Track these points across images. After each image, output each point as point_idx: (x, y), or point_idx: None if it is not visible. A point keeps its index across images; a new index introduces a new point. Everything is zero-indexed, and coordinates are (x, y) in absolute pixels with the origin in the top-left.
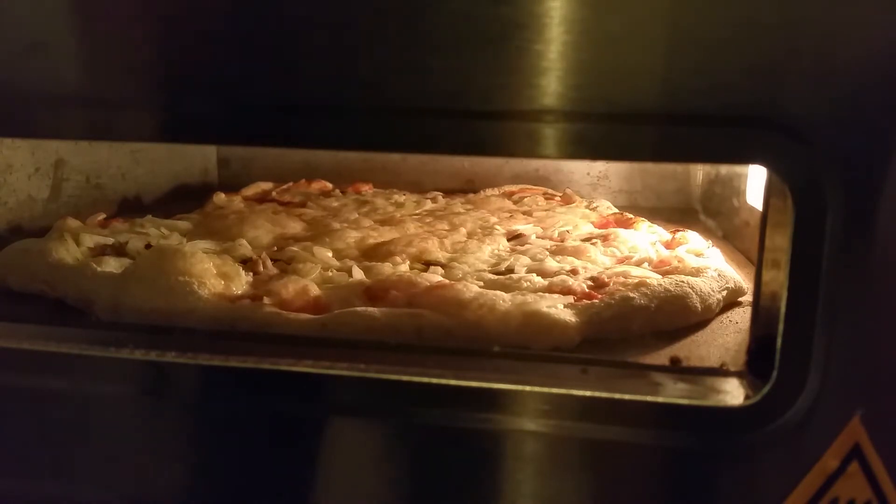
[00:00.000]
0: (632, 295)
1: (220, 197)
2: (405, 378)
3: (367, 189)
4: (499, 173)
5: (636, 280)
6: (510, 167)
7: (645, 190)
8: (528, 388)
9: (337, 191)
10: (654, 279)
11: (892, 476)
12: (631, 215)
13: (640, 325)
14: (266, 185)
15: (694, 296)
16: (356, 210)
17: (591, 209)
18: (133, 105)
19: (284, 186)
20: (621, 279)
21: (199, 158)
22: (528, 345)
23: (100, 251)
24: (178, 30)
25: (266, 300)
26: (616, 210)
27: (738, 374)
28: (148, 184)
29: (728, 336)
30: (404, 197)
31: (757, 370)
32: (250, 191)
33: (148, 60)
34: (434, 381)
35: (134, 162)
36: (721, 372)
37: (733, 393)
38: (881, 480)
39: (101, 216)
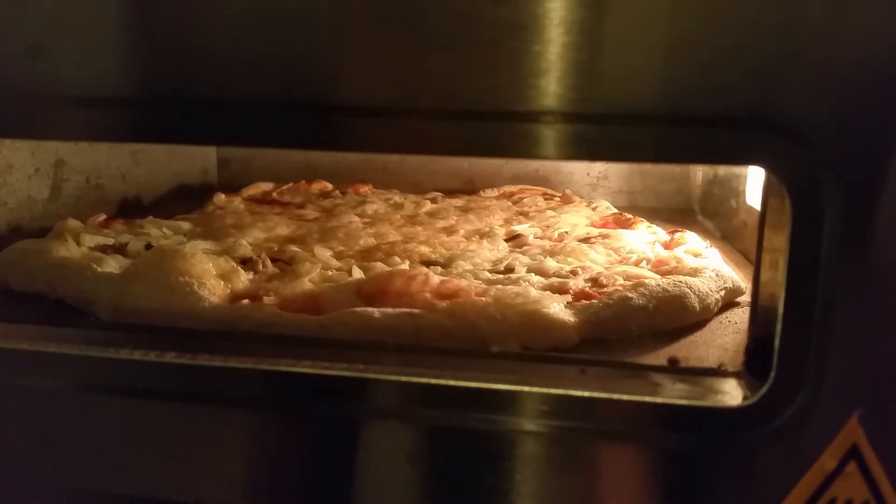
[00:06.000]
0: (630, 295)
1: (220, 197)
2: (403, 378)
3: (366, 190)
4: (498, 174)
5: (634, 280)
6: (510, 167)
7: (645, 190)
8: (526, 388)
9: (337, 191)
10: (653, 279)
11: (890, 476)
12: (630, 216)
13: (638, 325)
14: (266, 186)
15: (692, 296)
16: (355, 211)
17: (591, 209)
18: (133, 105)
19: (285, 187)
20: (620, 279)
21: (199, 159)
22: (527, 345)
23: (100, 251)
24: (178, 29)
25: (266, 300)
26: (615, 210)
27: (736, 375)
28: (148, 184)
29: (727, 336)
30: (404, 198)
31: (755, 371)
32: (250, 191)
33: (147, 60)
34: (433, 381)
35: (134, 162)
36: (719, 372)
37: (731, 393)
38: (879, 481)
39: (102, 217)
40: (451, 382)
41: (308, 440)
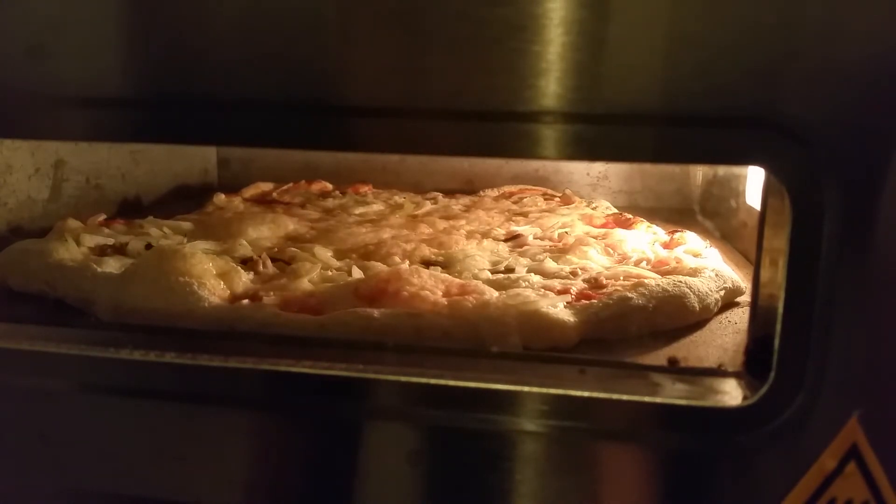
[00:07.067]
0: (630, 295)
1: (220, 198)
2: (403, 378)
3: (366, 190)
4: (498, 174)
5: (634, 280)
6: (510, 167)
7: (644, 190)
8: (525, 388)
9: (337, 192)
10: (653, 279)
11: (890, 476)
12: (630, 216)
13: (638, 325)
14: (266, 186)
15: (692, 296)
16: (355, 211)
17: (590, 209)
18: (133, 105)
19: (285, 187)
20: (619, 279)
21: (199, 159)
22: (527, 344)
23: (100, 252)
24: (178, 30)
25: (266, 300)
26: (616, 210)
27: (735, 375)
28: (148, 184)
29: (726, 336)
30: (403, 198)
31: (755, 371)
32: (250, 191)
33: (147, 61)
34: (432, 381)
35: (134, 162)
36: (719, 372)
37: (731, 393)
38: (878, 481)
39: (102, 217)
40: (451, 382)
41: (308, 440)
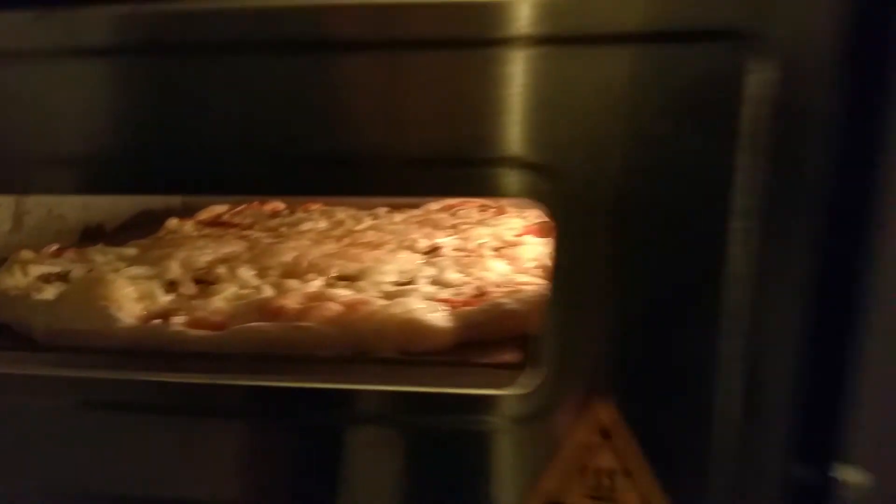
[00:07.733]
0: (503, 301)
1: (172, 222)
2: (274, 385)
3: (315, 207)
4: None
5: (514, 287)
6: None
7: None
8: (348, 386)
9: (286, 210)
10: (534, 285)
11: (639, 450)
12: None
13: (512, 328)
14: (220, 208)
15: None
16: (296, 229)
17: (521, 219)
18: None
19: (238, 209)
20: (506, 286)
21: None
22: (407, 349)
23: (45, 280)
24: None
25: (175, 319)
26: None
27: (512, 366)
28: (111, 211)
29: None
30: (345, 215)
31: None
32: (204, 215)
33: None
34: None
35: None
36: (501, 365)
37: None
38: (627, 454)
39: (55, 247)
40: (274, 384)
41: (211, 441)
